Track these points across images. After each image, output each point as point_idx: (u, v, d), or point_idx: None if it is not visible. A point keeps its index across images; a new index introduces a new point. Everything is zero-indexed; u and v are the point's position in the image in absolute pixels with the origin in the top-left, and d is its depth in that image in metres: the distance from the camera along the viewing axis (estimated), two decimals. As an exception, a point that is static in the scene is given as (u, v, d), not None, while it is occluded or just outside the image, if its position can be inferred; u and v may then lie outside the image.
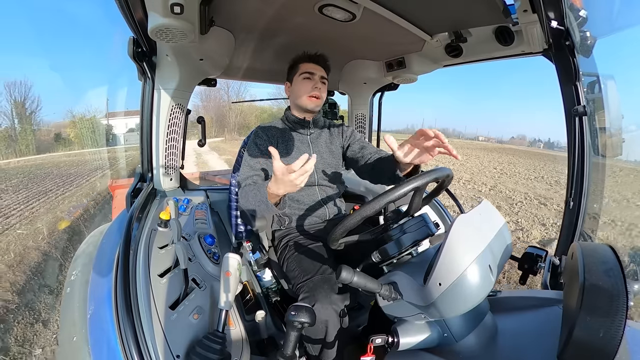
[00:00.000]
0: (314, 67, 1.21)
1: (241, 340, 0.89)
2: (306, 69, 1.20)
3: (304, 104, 1.21)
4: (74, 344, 0.83)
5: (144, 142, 1.26)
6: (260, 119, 34.42)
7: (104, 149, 17.11)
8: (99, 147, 18.01)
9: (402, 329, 0.70)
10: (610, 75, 0.99)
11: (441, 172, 0.78)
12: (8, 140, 22.38)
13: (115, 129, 24.17)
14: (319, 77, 1.21)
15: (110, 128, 23.62)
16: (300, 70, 1.21)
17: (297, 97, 1.22)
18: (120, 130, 24.28)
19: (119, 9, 0.87)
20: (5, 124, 23.67)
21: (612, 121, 1.01)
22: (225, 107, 37.79)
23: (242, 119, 37.83)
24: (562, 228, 1.07)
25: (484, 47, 1.19)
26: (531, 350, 0.62)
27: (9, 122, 23.76)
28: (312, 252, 1.09)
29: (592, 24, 0.93)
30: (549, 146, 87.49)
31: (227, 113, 37.57)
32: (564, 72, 0.96)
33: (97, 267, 0.98)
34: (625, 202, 5.91)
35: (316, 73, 1.20)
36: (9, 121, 23.85)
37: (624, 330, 0.44)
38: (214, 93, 37.42)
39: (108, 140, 22.26)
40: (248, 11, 1.07)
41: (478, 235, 0.64)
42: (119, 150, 17.33)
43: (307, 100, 1.20)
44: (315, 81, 1.20)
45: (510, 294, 0.80)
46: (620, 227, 4.50)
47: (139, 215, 1.04)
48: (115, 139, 23.62)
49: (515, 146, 60.94)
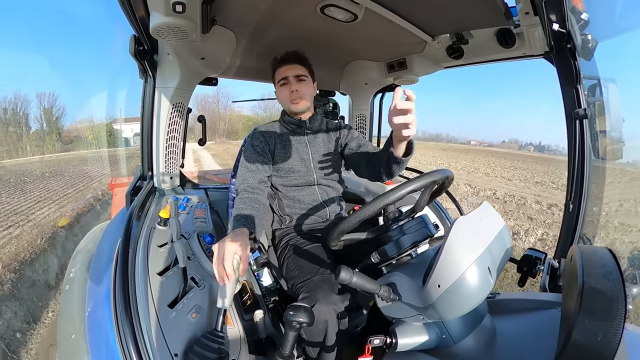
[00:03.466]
0: (286, 69, 1.18)
1: (239, 340, 0.89)
2: (280, 75, 1.18)
3: (289, 110, 1.22)
4: (72, 342, 0.83)
5: (144, 140, 1.26)
6: (246, 126, 44.01)
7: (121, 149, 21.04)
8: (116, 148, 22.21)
9: (401, 330, 0.69)
10: (612, 79, 0.99)
11: (441, 173, 0.78)
12: (38, 140, 28.64)
13: (124, 133, 27.88)
14: (293, 77, 1.17)
15: (121, 132, 27.44)
16: (277, 77, 1.20)
17: (282, 104, 1.24)
18: (127, 134, 27.93)
19: (121, 7, 0.87)
20: (34, 126, 30.58)
21: (612, 124, 1.01)
22: (216, 115, 45.69)
23: (230, 126, 46.62)
24: (562, 231, 1.07)
25: (486, 49, 1.19)
26: (529, 352, 0.62)
27: (39, 126, 30.72)
28: (311, 252, 1.09)
29: (594, 27, 0.93)
30: (540, 149, 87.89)
31: (218, 121, 44.88)
32: (565, 74, 0.96)
33: (96, 265, 0.98)
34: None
35: (289, 75, 1.17)
36: (39, 124, 30.73)
37: (622, 333, 0.43)
38: (208, 105, 46.71)
39: (120, 142, 26.91)
40: (249, 11, 1.07)
41: (478, 237, 0.64)
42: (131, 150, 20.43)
43: (289, 105, 1.20)
44: (290, 84, 1.17)
45: (509, 296, 0.80)
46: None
47: (139, 213, 1.04)
48: (126, 141, 27.51)
49: (504, 149, 62.32)
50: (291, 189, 1.22)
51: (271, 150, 1.20)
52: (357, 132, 1.32)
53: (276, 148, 1.20)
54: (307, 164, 1.22)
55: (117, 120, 26.59)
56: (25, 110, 29.38)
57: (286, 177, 1.20)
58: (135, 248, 0.91)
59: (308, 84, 1.20)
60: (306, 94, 1.19)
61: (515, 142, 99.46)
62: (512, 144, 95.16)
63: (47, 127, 30.32)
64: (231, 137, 43.05)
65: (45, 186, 8.84)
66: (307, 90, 1.20)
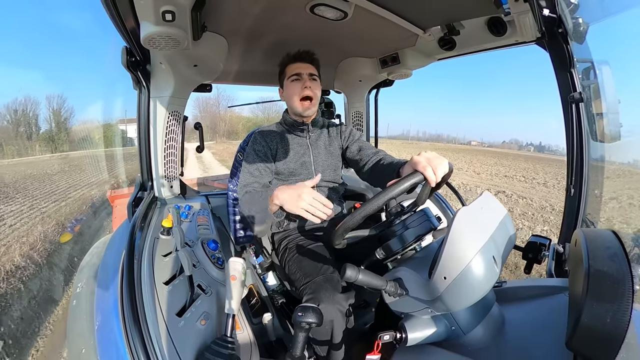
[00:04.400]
0: (300, 66, 1.18)
1: (250, 344, 0.89)
2: (293, 71, 1.18)
3: (296, 108, 1.19)
4: (83, 356, 0.83)
5: (142, 151, 1.26)
6: (246, 127, 47.45)
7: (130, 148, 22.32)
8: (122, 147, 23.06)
9: (410, 325, 0.70)
10: (605, 61, 0.99)
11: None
12: (48, 140, 31.27)
13: (129, 133, 29.08)
14: (307, 75, 1.17)
15: (126, 132, 27.88)
16: (288, 73, 1.19)
17: (290, 102, 1.20)
18: (132, 134, 29.29)
19: (110, 19, 0.87)
20: (44, 127, 33.24)
21: (609, 106, 1.01)
22: (217, 117, 50.21)
23: (230, 126, 50.71)
24: (564, 215, 1.07)
25: (477, 39, 1.19)
26: (539, 339, 0.62)
27: (48, 126, 33.47)
28: (312, 252, 1.09)
29: (584, 10, 0.93)
30: (540, 149, 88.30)
31: (218, 122, 49.85)
32: (558, 59, 0.96)
33: (102, 278, 0.98)
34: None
35: (303, 72, 1.17)
36: (49, 125, 33.44)
37: (631, 314, 0.44)
38: (209, 107, 51.10)
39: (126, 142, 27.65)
40: (239, 15, 1.07)
41: (480, 226, 0.64)
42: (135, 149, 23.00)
43: (298, 104, 1.18)
44: (304, 80, 1.17)
45: (515, 284, 0.80)
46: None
47: (141, 224, 1.04)
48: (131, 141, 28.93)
49: (505, 150, 63.33)
50: None
51: (273, 154, 1.19)
52: (357, 132, 1.32)
53: (278, 151, 1.19)
54: (309, 166, 1.22)
55: (122, 120, 27.68)
56: (35, 111, 32.30)
57: (287, 181, 1.20)
58: (140, 259, 0.91)
59: (318, 85, 1.21)
60: (317, 96, 1.19)
61: (516, 143, 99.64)
62: (512, 145, 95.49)
63: (56, 127, 33.18)
64: (231, 137, 46.70)
65: (69, 177, 11.12)
66: (318, 91, 1.20)
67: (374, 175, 1.13)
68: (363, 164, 1.18)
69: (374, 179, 1.14)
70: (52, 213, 5.88)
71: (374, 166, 1.13)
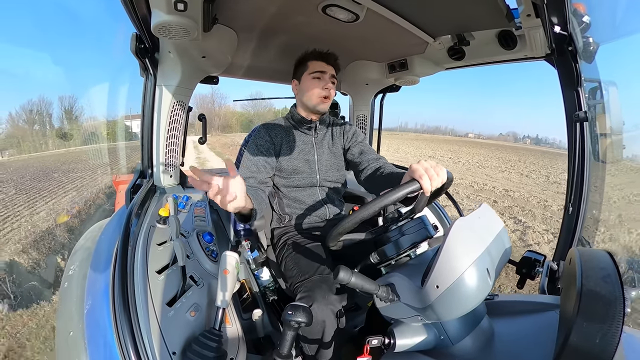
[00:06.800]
0: (324, 66, 1.18)
1: (237, 339, 0.89)
2: (316, 68, 1.17)
3: (313, 104, 1.18)
4: (71, 339, 0.83)
5: (144, 138, 1.26)
6: (239, 121, 55.20)
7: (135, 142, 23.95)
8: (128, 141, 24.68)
9: (399, 331, 0.69)
10: (612, 82, 0.99)
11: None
12: (62, 136, 35.24)
13: (133, 128, 30.00)
14: (329, 76, 1.17)
15: (130, 128, 29.72)
16: (310, 68, 1.18)
17: (306, 97, 1.19)
18: (136, 129, 30.34)
19: (122, 5, 0.87)
20: (56, 124, 38.85)
21: (613, 127, 1.01)
22: (212, 112, 56.75)
23: (224, 121, 57.21)
24: (561, 233, 1.07)
25: (487, 51, 1.19)
26: (527, 354, 0.62)
27: (60, 123, 39.25)
28: (310, 251, 1.08)
29: (595, 30, 0.93)
30: (537, 142, 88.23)
31: (213, 117, 55.04)
32: (566, 77, 0.96)
33: (95, 263, 0.98)
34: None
35: (327, 72, 1.17)
36: (60, 122, 39.10)
37: (620, 336, 0.43)
38: (205, 104, 58.56)
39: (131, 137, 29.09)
40: (251, 10, 1.07)
41: (476, 238, 0.64)
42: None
43: (317, 101, 1.17)
44: (325, 81, 1.16)
45: (507, 298, 0.80)
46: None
47: (138, 211, 1.04)
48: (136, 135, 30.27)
49: (501, 142, 64.22)
50: (293, 189, 1.21)
51: (276, 150, 1.18)
52: (362, 134, 1.32)
53: (282, 147, 1.18)
54: (312, 165, 1.21)
55: (128, 116, 28.88)
56: (48, 110, 38.16)
57: (289, 178, 1.19)
58: (135, 246, 0.90)
59: (334, 88, 1.22)
60: (332, 97, 1.21)
61: (513, 135, 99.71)
62: (509, 137, 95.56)
63: (69, 124, 38.96)
64: (225, 130, 53.14)
65: (90, 165, 13.69)
66: (333, 93, 1.21)
67: (372, 182, 1.12)
68: (362, 168, 1.17)
69: (371, 186, 1.14)
70: (82, 186, 8.94)
71: (373, 173, 1.12)
